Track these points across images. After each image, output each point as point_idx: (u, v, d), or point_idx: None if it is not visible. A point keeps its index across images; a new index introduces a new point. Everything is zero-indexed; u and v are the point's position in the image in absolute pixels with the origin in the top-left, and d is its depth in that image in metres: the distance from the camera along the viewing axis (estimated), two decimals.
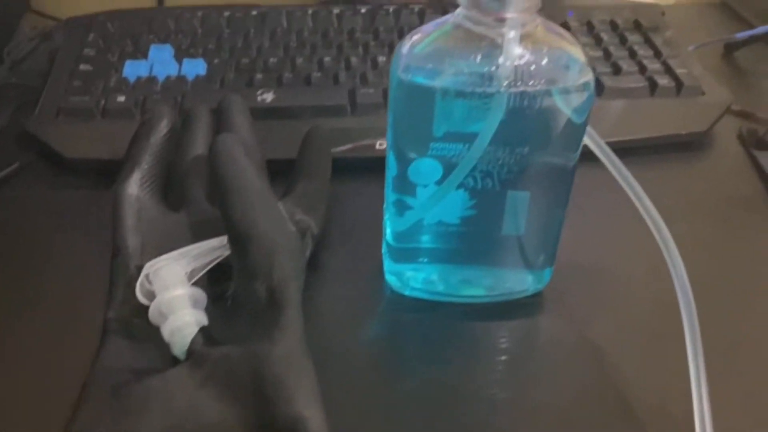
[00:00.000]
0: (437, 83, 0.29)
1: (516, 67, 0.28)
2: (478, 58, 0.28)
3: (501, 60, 0.28)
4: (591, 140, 0.31)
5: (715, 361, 0.29)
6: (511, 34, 0.28)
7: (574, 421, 0.30)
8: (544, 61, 0.28)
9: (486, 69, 0.28)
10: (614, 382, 0.32)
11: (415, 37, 0.29)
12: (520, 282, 0.36)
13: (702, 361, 0.28)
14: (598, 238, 0.40)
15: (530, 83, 0.28)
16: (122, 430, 0.26)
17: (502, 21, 0.28)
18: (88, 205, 0.40)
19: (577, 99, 0.29)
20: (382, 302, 0.36)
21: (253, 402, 0.27)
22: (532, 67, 0.28)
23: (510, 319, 0.35)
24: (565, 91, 0.29)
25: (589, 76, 0.29)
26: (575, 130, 0.30)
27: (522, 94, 0.28)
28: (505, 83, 0.28)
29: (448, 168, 0.31)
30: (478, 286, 0.36)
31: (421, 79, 0.29)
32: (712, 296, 0.36)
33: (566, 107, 0.29)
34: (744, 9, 0.67)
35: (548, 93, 0.29)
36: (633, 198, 0.31)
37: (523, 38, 0.28)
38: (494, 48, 0.28)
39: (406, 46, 0.30)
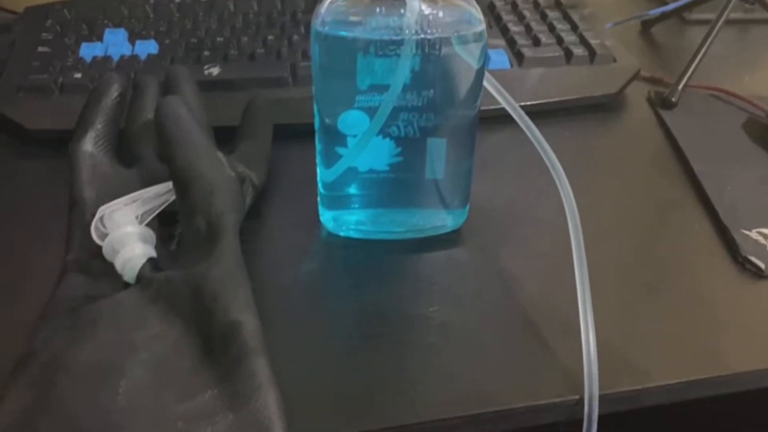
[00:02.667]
0: (353, 34, 0.33)
1: (419, 17, 0.32)
2: (385, 11, 0.33)
3: (405, 12, 0.32)
4: (494, 90, 0.36)
5: (599, 282, 0.34)
6: None
7: (485, 331, 0.35)
8: (442, 14, 0.33)
9: (393, 21, 0.33)
10: (518, 299, 0.36)
11: None
12: (440, 220, 0.40)
13: (587, 280, 0.33)
14: (511, 186, 0.44)
15: (431, 32, 0.32)
16: (77, 338, 0.29)
17: None
18: (48, 171, 0.44)
19: (474, 47, 0.34)
20: (318, 242, 0.40)
21: (194, 315, 0.30)
22: (431, 18, 0.32)
23: (432, 251, 0.40)
24: (463, 40, 0.33)
25: (481, 27, 0.33)
26: (474, 77, 0.35)
27: (425, 40, 0.33)
28: (410, 32, 0.32)
29: None
30: (404, 225, 0.40)
31: (338, 32, 0.33)
32: (605, 230, 0.41)
33: (464, 55, 0.34)
34: None
35: (448, 40, 0.33)
36: (530, 137, 0.36)
37: None
38: (399, 3, 0.32)
39: (323, 5, 0.34)
